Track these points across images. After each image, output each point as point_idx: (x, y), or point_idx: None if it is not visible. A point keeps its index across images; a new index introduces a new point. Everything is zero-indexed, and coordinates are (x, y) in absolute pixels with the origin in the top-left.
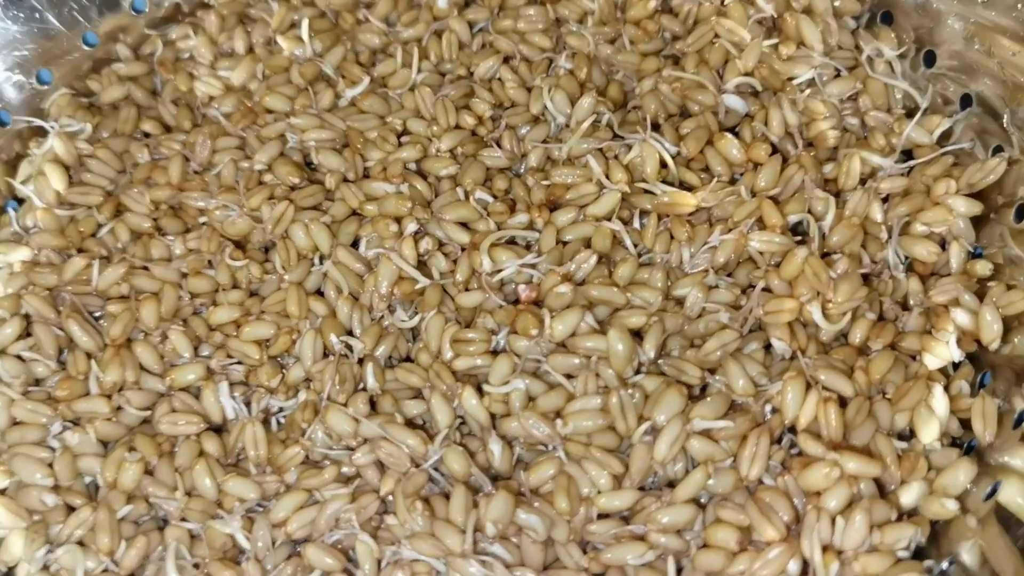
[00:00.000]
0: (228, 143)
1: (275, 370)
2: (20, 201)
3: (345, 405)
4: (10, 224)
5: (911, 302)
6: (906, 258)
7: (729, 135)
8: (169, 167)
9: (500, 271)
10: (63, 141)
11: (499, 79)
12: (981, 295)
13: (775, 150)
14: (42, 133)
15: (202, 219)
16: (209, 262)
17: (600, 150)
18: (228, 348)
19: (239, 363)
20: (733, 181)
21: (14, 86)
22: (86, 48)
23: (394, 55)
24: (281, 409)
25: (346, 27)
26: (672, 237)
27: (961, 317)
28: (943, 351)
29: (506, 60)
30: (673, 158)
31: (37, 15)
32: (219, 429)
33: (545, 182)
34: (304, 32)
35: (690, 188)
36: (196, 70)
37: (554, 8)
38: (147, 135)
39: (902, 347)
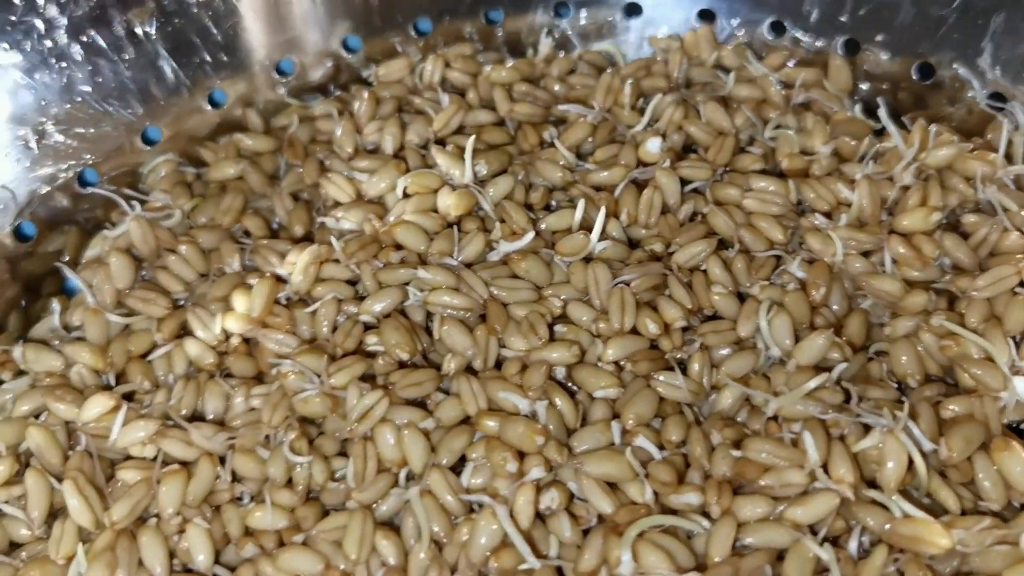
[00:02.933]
0: (338, 273)
1: None
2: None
3: None
4: (52, 316)
5: None
6: None
7: (1016, 443)
8: (255, 289)
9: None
10: (143, 228)
11: (704, 272)
12: None
13: None
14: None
15: (275, 371)
16: (267, 438)
17: (822, 422)
18: (258, 570)
19: None
20: (1004, 517)
21: (113, 139)
22: (209, 108)
23: (576, 203)
24: None
25: (526, 146)
26: None
27: None
28: None
29: (721, 246)
30: (923, 455)
31: (158, 62)
32: None
33: (736, 452)
34: (468, 149)
35: (942, 513)
36: (329, 161)
37: (799, 187)
38: (247, 234)
39: None
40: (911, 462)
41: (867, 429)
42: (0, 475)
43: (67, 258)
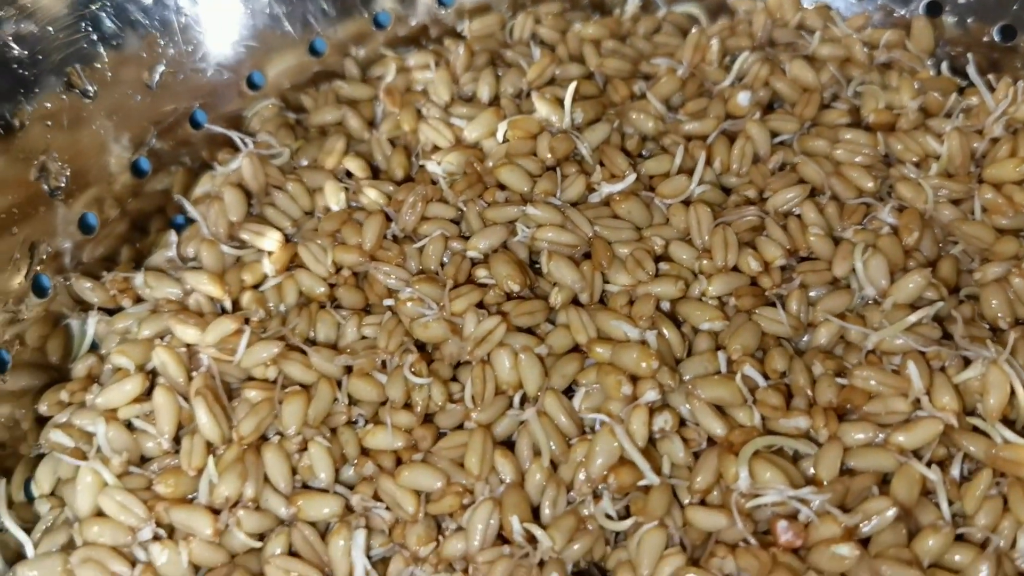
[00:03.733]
0: (443, 212)
1: (430, 534)
2: (189, 221)
3: None
4: (169, 248)
5: None
6: None
7: None
8: (365, 225)
9: (758, 496)
10: (254, 163)
11: (799, 217)
12: None
13: None
14: (233, 146)
15: (388, 301)
16: (383, 364)
17: (922, 354)
18: (378, 486)
19: (387, 509)
20: None
21: (219, 85)
22: (311, 56)
23: (672, 151)
24: None
25: (616, 99)
26: (1007, 508)
27: None
28: None
29: (812, 194)
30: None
31: (267, 9)
32: None
33: (840, 380)
34: (568, 95)
35: None
36: (427, 109)
37: (886, 139)
38: (349, 175)
39: None
40: (1012, 393)
41: (966, 363)
42: (129, 393)
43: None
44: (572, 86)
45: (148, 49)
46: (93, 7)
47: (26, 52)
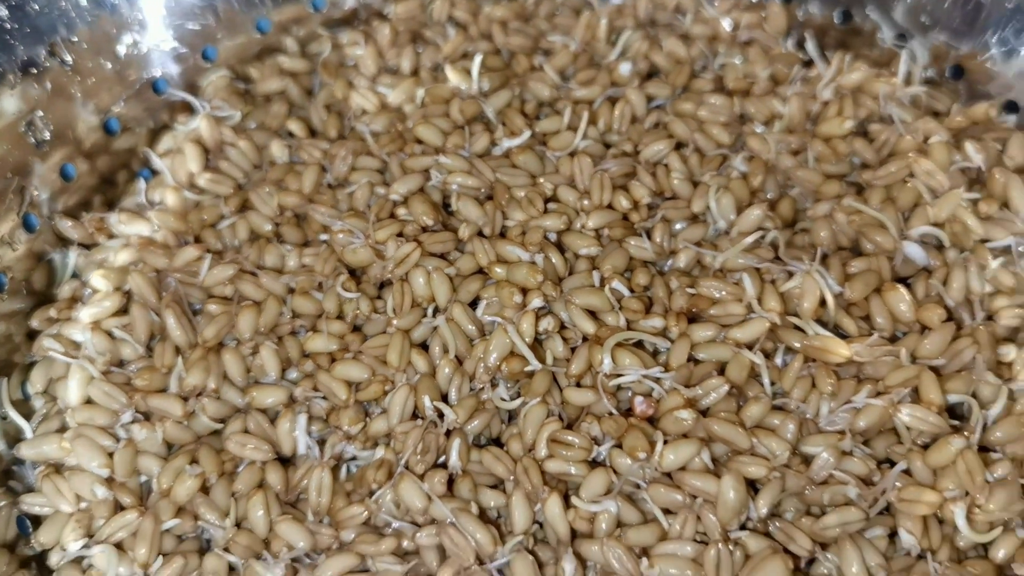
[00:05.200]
0: (369, 163)
1: (359, 416)
2: (153, 173)
3: (422, 478)
4: (138, 194)
5: None
6: None
7: (902, 287)
8: (304, 174)
9: (620, 376)
10: (210, 123)
11: (665, 165)
12: None
13: (949, 317)
14: (190, 110)
15: (323, 236)
16: (320, 284)
17: (758, 270)
18: (317, 380)
19: (324, 398)
20: (894, 339)
21: (177, 58)
22: (256, 35)
23: (561, 113)
24: (355, 458)
25: (518, 71)
26: (814, 385)
27: None
28: None
29: (678, 147)
30: (835, 297)
31: None
32: (286, 460)
33: (690, 289)
34: (475, 67)
35: (845, 336)
36: (356, 80)
37: (741, 102)
38: (291, 135)
39: None
40: (823, 301)
41: (791, 277)
42: (109, 308)
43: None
44: (478, 59)
45: (117, 26)
46: None
47: (16, 25)
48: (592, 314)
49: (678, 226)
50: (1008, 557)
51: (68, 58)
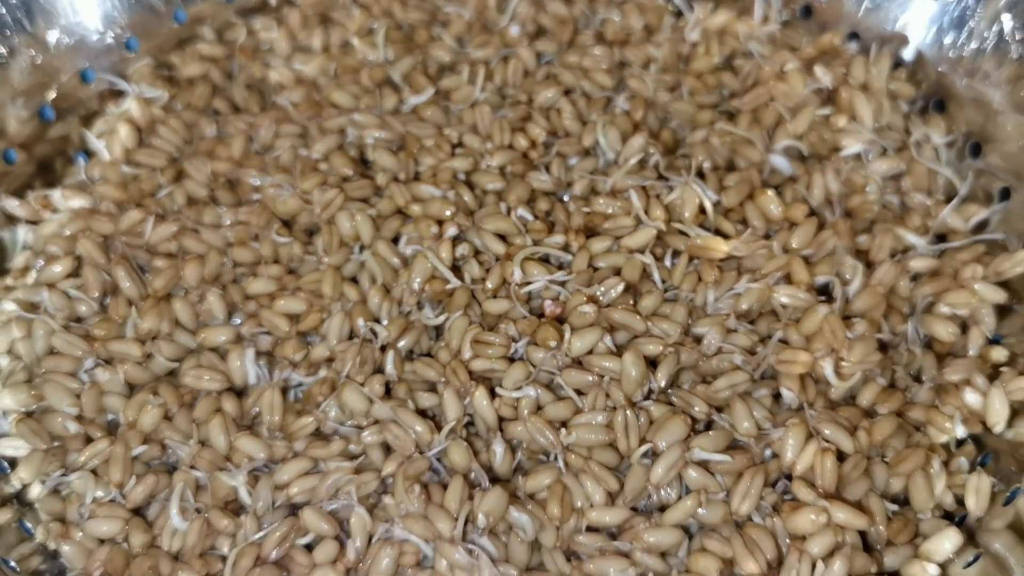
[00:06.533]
0: (291, 130)
1: (301, 345)
2: (90, 155)
3: (362, 385)
4: (77, 174)
5: (924, 376)
6: (925, 335)
7: (771, 192)
8: (232, 143)
9: (529, 283)
10: (139, 104)
11: (557, 109)
12: (994, 380)
13: (813, 213)
14: (120, 96)
15: (255, 196)
16: (256, 236)
17: (643, 188)
18: (260, 318)
19: (268, 333)
20: (767, 236)
21: (104, 48)
22: (175, 25)
23: (460, 73)
24: (300, 384)
25: (420, 42)
26: (700, 279)
27: (970, 397)
28: (947, 426)
29: (567, 93)
30: (713, 206)
31: None
32: (239, 393)
33: (586, 209)
34: (379, 38)
35: (725, 236)
36: (272, 60)
37: (620, 51)
38: (217, 112)
39: (908, 416)
40: (703, 209)
41: (672, 191)
42: (63, 270)
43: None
44: (381, 31)
45: (46, 20)
46: None
47: None
48: (502, 238)
49: (572, 160)
50: (871, 401)
51: (3, 51)
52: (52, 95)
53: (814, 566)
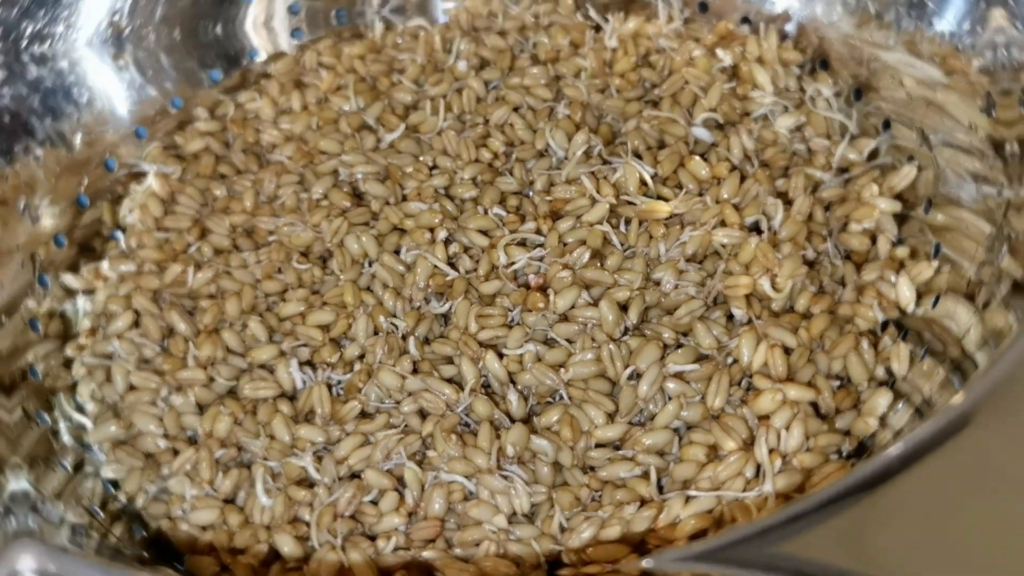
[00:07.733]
0: (290, 179)
1: (335, 349)
2: (123, 229)
3: (394, 366)
4: (116, 247)
5: (846, 281)
6: (845, 250)
7: (698, 158)
8: (243, 198)
9: (513, 264)
10: (159, 179)
11: (510, 124)
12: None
13: (735, 169)
14: (138, 178)
15: (271, 237)
16: (279, 268)
17: (592, 173)
18: (296, 333)
19: (305, 345)
20: (701, 194)
21: (119, 138)
22: (173, 110)
23: (423, 108)
24: (339, 382)
25: (383, 88)
26: (651, 236)
27: (884, 288)
28: (870, 315)
29: (515, 109)
30: (652, 178)
31: (140, 87)
32: (291, 398)
33: (548, 198)
34: (350, 91)
35: (665, 200)
36: (261, 126)
37: (554, 67)
38: (223, 176)
39: (838, 312)
40: (644, 181)
41: (616, 170)
42: (126, 323)
43: (107, 221)
44: (351, 85)
45: (69, 123)
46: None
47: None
48: (484, 233)
49: (531, 163)
50: (806, 306)
51: (39, 153)
52: (84, 185)
53: (779, 436)
